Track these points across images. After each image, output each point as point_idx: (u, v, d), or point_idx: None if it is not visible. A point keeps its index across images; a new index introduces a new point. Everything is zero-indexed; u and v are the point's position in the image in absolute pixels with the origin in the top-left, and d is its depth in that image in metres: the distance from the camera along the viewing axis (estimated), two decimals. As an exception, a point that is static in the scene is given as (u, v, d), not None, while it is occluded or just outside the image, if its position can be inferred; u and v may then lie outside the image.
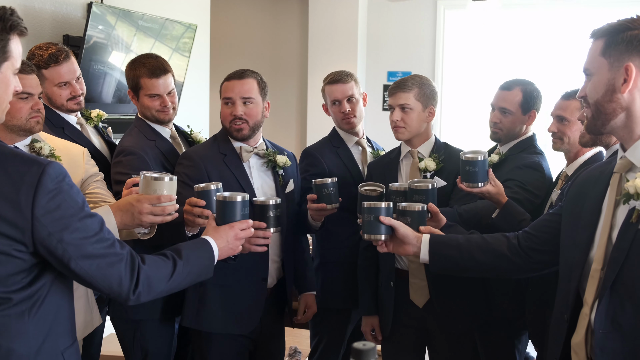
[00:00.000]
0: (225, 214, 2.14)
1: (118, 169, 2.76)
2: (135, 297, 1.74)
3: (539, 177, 2.85)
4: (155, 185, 2.11)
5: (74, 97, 2.99)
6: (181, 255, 1.88)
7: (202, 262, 1.96)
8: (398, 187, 2.55)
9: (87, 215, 1.66)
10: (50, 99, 2.96)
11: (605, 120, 1.76)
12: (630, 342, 1.66)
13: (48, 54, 2.90)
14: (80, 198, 1.66)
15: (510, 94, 2.99)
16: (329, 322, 3.13)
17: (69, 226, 1.61)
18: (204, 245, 2.01)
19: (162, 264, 1.82)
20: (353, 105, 3.18)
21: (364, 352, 1.21)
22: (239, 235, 2.11)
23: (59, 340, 1.70)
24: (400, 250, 2.23)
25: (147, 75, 2.87)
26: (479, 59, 6.63)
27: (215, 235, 2.06)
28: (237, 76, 2.73)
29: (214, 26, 6.45)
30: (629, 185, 1.67)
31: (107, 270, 1.67)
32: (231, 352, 2.73)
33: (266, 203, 2.39)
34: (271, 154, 2.81)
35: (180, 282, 1.87)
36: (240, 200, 2.15)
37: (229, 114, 2.71)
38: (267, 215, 2.37)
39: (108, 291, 1.71)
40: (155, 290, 1.79)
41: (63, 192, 1.60)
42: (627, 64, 1.70)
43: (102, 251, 1.67)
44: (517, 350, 2.95)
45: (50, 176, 1.58)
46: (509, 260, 2.09)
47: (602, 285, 1.72)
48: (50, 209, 1.58)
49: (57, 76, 2.93)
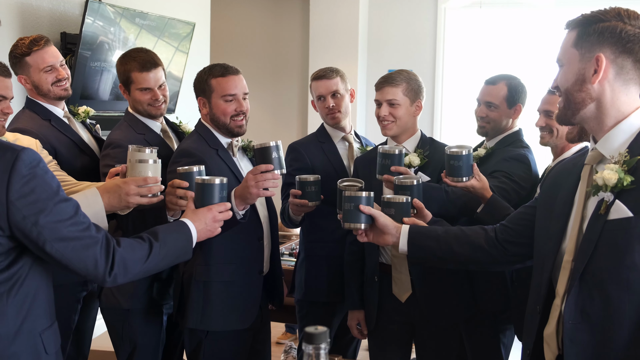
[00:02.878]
0: (203, 197, 2.18)
1: (106, 161, 2.80)
2: (112, 279, 1.78)
3: (525, 169, 2.86)
4: (140, 167, 2.17)
5: (59, 81, 3.03)
6: (158, 237, 1.92)
7: (179, 243, 2.00)
8: (388, 150, 2.57)
9: (62, 199, 1.71)
10: (37, 86, 3.01)
11: (575, 109, 1.76)
12: (599, 333, 1.66)
13: (29, 40, 2.98)
14: (54, 183, 1.71)
15: (495, 88, 3.00)
16: (314, 316, 3.14)
17: (43, 209, 1.66)
18: (181, 228, 2.05)
19: (137, 246, 1.87)
20: (338, 101, 3.17)
21: (316, 336, 1.22)
22: (217, 218, 2.15)
23: (37, 322, 1.75)
24: (380, 240, 2.24)
25: (137, 69, 2.90)
26: (479, 58, 6.62)
27: (193, 217, 2.10)
28: (235, 72, 2.75)
29: (215, 25, 6.48)
30: (598, 177, 1.68)
31: (83, 252, 1.72)
32: (235, 348, 2.75)
33: (267, 145, 2.43)
34: (247, 144, 2.86)
35: (157, 263, 1.92)
36: (219, 182, 2.19)
37: (232, 109, 2.71)
38: (271, 157, 2.42)
39: (84, 273, 1.75)
40: (132, 272, 1.84)
41: (37, 177, 1.66)
42: (598, 54, 1.70)
43: (77, 234, 1.71)
44: (503, 344, 2.96)
45: (24, 162, 1.64)
46: (486, 252, 2.10)
47: (572, 277, 1.72)
48: (24, 193, 1.63)
49: (41, 60, 2.98)
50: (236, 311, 2.70)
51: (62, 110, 3.11)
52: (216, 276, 2.66)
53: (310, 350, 1.24)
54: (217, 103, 2.72)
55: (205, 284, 2.67)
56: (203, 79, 2.75)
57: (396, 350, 2.88)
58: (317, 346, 1.24)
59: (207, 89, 2.73)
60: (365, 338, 2.99)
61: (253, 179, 2.39)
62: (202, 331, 2.70)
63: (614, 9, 1.72)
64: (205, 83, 2.73)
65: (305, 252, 3.22)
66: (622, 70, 1.70)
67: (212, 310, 2.68)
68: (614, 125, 1.73)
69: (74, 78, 4.04)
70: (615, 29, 1.69)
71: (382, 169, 2.59)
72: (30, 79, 3.00)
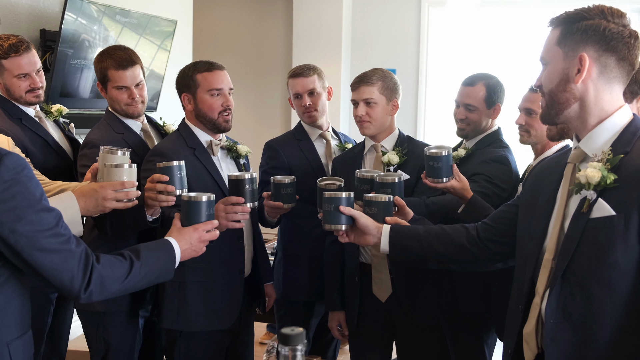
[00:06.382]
0: (190, 215, 2.11)
1: (83, 161, 2.76)
2: (87, 296, 1.73)
3: (506, 170, 2.84)
4: (116, 172, 2.15)
5: (33, 90, 2.98)
6: (139, 256, 1.87)
7: (161, 264, 1.95)
8: (365, 175, 2.54)
9: (44, 208, 1.66)
10: (8, 90, 2.96)
11: (559, 109, 1.76)
12: (580, 332, 1.66)
13: (8, 44, 2.89)
14: (38, 191, 1.66)
15: (474, 89, 2.97)
16: (292, 316, 3.12)
17: (22, 217, 1.61)
18: (165, 247, 2.00)
19: (117, 264, 1.82)
20: (314, 99, 3.15)
21: (292, 337, 1.21)
22: (203, 238, 2.09)
23: (4, 331, 1.69)
24: (361, 241, 2.23)
25: (114, 67, 2.85)
26: (463, 57, 6.62)
27: (178, 237, 2.05)
28: (220, 67, 2.74)
29: (198, 23, 6.44)
30: (581, 175, 1.67)
31: (60, 265, 1.67)
32: (211, 348, 2.71)
33: (241, 177, 2.40)
34: (232, 144, 2.82)
35: (137, 282, 1.87)
36: (206, 200, 2.12)
37: (219, 104, 2.69)
38: (244, 190, 2.38)
39: (59, 286, 1.70)
40: (109, 290, 1.79)
41: (20, 184, 1.61)
42: (581, 54, 1.69)
43: (55, 246, 1.66)
44: (486, 344, 2.94)
45: (7, 167, 1.59)
46: (468, 251, 2.09)
47: (553, 275, 1.71)
48: (4, 198, 1.58)
49: (17, 67, 2.92)
50: (215, 312, 2.67)
51: (33, 110, 3.06)
52: (192, 276, 2.62)
53: (287, 351, 1.23)
54: (204, 98, 2.69)
55: (181, 284, 2.63)
56: (187, 74, 2.72)
57: (377, 351, 2.87)
58: (294, 347, 1.23)
59: (193, 85, 2.70)
60: (346, 339, 2.97)
61: (223, 210, 2.37)
62: (177, 330, 2.67)
63: (597, 6, 1.71)
64: (190, 78, 2.70)
65: (282, 252, 3.19)
66: (605, 68, 1.70)
67: (188, 310, 2.64)
68: (598, 124, 1.73)
69: (54, 75, 3.99)
70: (599, 27, 1.68)
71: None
72: (3, 81, 2.95)
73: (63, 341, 3.23)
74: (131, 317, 2.88)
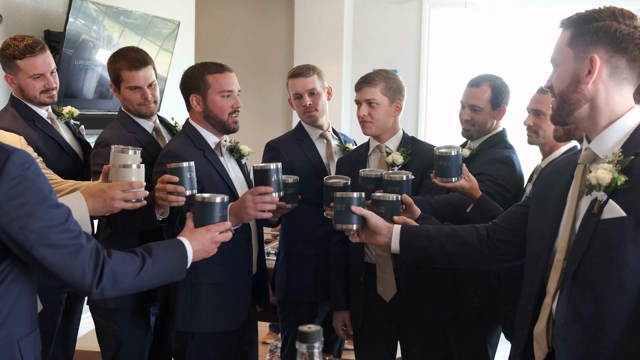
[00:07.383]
0: (203, 215, 2.12)
1: (96, 159, 2.79)
2: (99, 291, 1.73)
3: (510, 171, 2.86)
4: (124, 172, 2.17)
5: (48, 90, 3.00)
6: (151, 253, 1.87)
7: (173, 262, 1.95)
8: (369, 174, 2.55)
9: (53, 204, 1.66)
10: (23, 90, 2.96)
11: (570, 110, 1.77)
12: (590, 332, 1.67)
13: (24, 44, 2.91)
14: (46, 187, 1.66)
15: (479, 90, 2.99)
16: (296, 316, 3.12)
17: (32, 214, 1.61)
18: (177, 246, 2.00)
19: (129, 260, 1.82)
20: (314, 99, 3.15)
21: (309, 335, 1.22)
22: (216, 239, 2.09)
23: (16, 328, 1.70)
24: (372, 241, 2.24)
25: (127, 68, 2.89)
26: (464, 57, 6.64)
27: (191, 237, 2.05)
28: (230, 69, 2.75)
29: (200, 23, 6.44)
30: (591, 176, 1.68)
31: (70, 260, 1.67)
32: (221, 349, 2.73)
33: (267, 168, 2.43)
34: (235, 144, 2.85)
35: (149, 280, 1.86)
36: (220, 201, 2.13)
37: (229, 106, 2.71)
38: (271, 180, 2.41)
39: (70, 282, 1.70)
40: (122, 286, 1.78)
41: (28, 180, 1.61)
42: (592, 55, 1.70)
43: (66, 241, 1.66)
44: (489, 344, 2.95)
45: (15, 163, 1.59)
46: (478, 251, 2.10)
47: (564, 276, 1.72)
48: (13, 195, 1.58)
49: (32, 67, 2.93)
50: (226, 312, 2.68)
51: (45, 112, 3.08)
52: (204, 278, 2.63)
53: (304, 349, 1.24)
54: (214, 100, 2.70)
55: (194, 286, 2.64)
56: (197, 75, 2.72)
57: (382, 350, 2.88)
58: (311, 345, 1.24)
59: (203, 86, 2.70)
60: (351, 339, 2.98)
61: (252, 200, 2.38)
62: (189, 332, 2.68)
63: (608, 8, 1.72)
64: (200, 80, 2.71)
65: (285, 252, 3.18)
66: (616, 70, 1.71)
67: (201, 312, 2.65)
68: (608, 125, 1.73)
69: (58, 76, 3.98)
70: (610, 28, 1.69)
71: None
72: (18, 82, 2.96)
73: (71, 341, 3.25)
74: (142, 314, 2.91)
